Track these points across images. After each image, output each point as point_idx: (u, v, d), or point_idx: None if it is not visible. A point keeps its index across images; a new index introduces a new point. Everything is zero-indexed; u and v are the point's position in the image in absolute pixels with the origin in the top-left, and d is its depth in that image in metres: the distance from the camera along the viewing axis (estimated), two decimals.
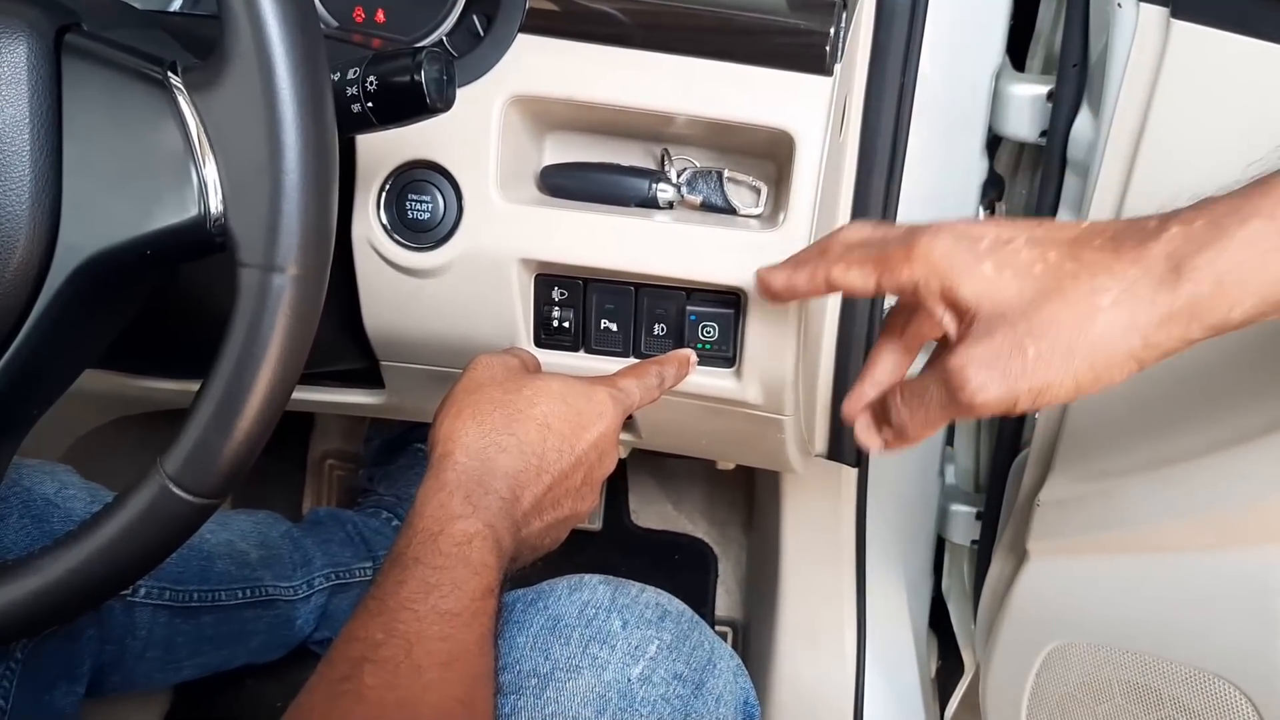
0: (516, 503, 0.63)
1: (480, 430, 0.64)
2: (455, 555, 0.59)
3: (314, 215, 0.48)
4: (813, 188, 0.71)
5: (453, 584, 0.57)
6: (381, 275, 0.76)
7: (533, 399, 0.66)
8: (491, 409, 0.65)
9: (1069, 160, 0.83)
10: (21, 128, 0.49)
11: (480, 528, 0.60)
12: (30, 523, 0.80)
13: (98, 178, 0.51)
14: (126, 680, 0.92)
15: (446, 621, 0.56)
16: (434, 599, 0.57)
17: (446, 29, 0.76)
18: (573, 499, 0.68)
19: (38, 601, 0.53)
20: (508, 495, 0.63)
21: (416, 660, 0.54)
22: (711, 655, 0.69)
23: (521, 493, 0.64)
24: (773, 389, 0.77)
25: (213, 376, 0.50)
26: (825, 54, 0.70)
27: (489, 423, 0.65)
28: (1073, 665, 0.90)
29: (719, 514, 1.44)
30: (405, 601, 0.56)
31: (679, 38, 0.71)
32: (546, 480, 0.65)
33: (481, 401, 0.66)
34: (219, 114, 0.49)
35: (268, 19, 0.47)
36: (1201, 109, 0.69)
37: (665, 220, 0.75)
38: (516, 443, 0.64)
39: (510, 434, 0.64)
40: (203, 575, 0.98)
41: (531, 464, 0.64)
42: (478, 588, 0.58)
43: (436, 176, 0.74)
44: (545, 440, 0.65)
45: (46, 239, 0.50)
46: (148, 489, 0.52)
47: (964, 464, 1.08)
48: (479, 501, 0.62)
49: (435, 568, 0.58)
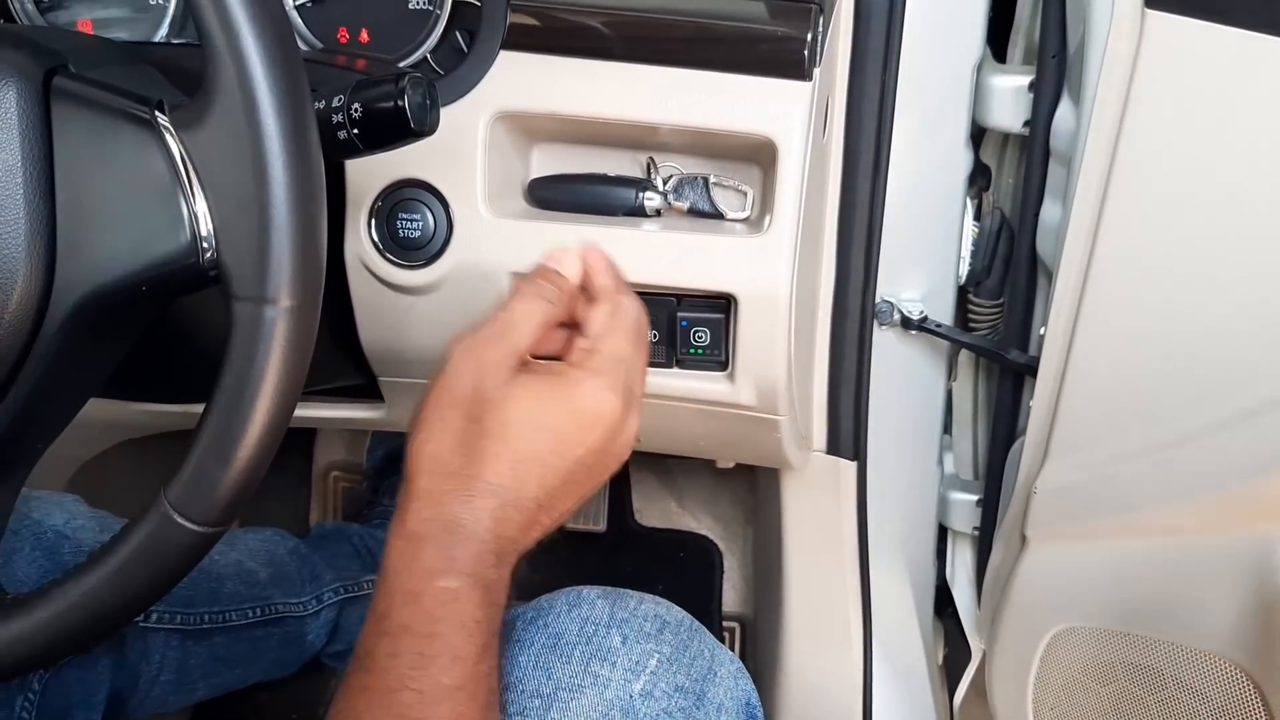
0: (500, 539, 0.57)
1: (450, 460, 0.57)
2: (445, 619, 0.55)
3: (304, 246, 0.49)
4: (797, 191, 0.72)
5: (450, 655, 0.54)
6: (376, 294, 0.77)
7: (510, 407, 0.58)
8: (463, 428, 0.58)
9: (1052, 150, 0.83)
10: (14, 172, 0.50)
11: (462, 583, 0.55)
12: (42, 555, 0.81)
13: (91, 217, 0.51)
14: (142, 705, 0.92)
15: (453, 698, 0.54)
16: (434, 673, 0.54)
17: (430, 47, 0.77)
18: (577, 494, 0.62)
19: (51, 635, 0.54)
20: (487, 537, 0.57)
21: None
22: (712, 663, 0.70)
23: (504, 527, 0.58)
24: (766, 390, 0.78)
25: (211, 409, 0.51)
26: (804, 59, 0.70)
27: (461, 450, 0.57)
28: (1076, 649, 0.90)
29: (722, 510, 1.45)
30: (405, 680, 0.53)
31: (659, 49, 0.72)
32: (530, 505, 0.59)
33: (450, 421, 0.58)
34: (206, 151, 0.50)
35: (250, 55, 0.48)
36: (1180, 97, 0.69)
37: (653, 228, 0.75)
38: (495, 472, 0.57)
39: (485, 464, 0.57)
40: (213, 597, 0.99)
41: (510, 498, 0.58)
42: (474, 651, 0.55)
43: (426, 195, 0.75)
44: (532, 455, 0.58)
45: (43, 279, 0.51)
46: (152, 520, 0.53)
47: (962, 452, 1.09)
48: (454, 551, 0.56)
49: (427, 635, 0.54)
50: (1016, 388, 0.94)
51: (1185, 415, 0.77)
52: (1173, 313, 0.74)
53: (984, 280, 0.95)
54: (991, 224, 0.93)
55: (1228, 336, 0.74)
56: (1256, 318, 0.72)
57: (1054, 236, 0.82)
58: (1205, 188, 0.70)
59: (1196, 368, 0.75)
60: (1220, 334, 0.74)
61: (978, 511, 1.04)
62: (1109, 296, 0.76)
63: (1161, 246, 0.73)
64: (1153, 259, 0.74)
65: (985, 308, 0.97)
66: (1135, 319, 0.76)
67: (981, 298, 0.96)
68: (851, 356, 0.91)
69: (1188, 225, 0.72)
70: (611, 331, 0.61)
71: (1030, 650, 0.94)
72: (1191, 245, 0.72)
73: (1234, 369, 0.74)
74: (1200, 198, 0.71)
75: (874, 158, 0.83)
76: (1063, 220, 0.78)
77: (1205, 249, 0.72)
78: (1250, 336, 0.73)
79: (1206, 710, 0.84)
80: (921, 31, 0.83)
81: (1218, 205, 0.71)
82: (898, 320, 0.93)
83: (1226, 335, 0.74)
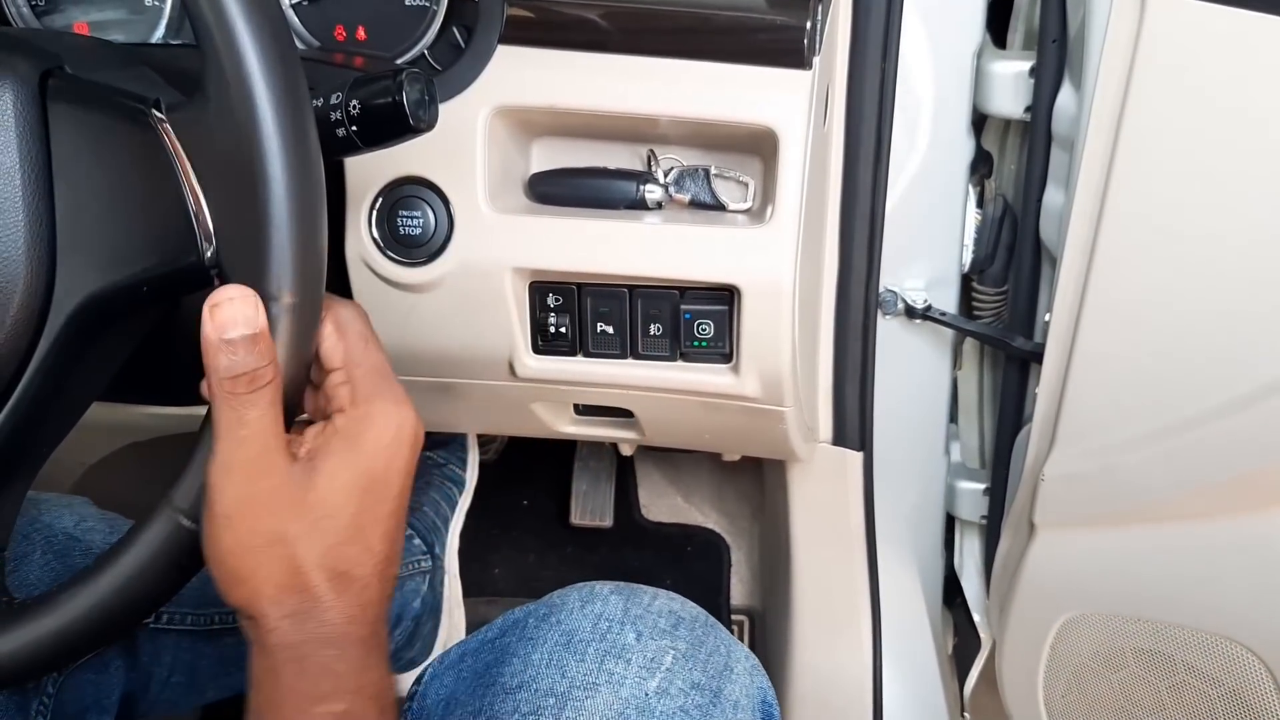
0: (363, 622, 0.53)
1: (287, 589, 0.52)
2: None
3: (305, 243, 0.49)
4: (799, 181, 0.72)
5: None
6: (377, 292, 0.77)
7: (311, 497, 0.52)
8: (280, 552, 0.52)
9: (1054, 135, 0.83)
10: (12, 174, 0.50)
11: (347, 703, 0.52)
12: (53, 558, 0.81)
13: (90, 219, 0.51)
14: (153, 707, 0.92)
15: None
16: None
17: (427, 43, 0.77)
18: (403, 509, 0.57)
19: (60, 640, 0.54)
20: (350, 632, 0.53)
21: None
22: (728, 659, 0.69)
23: (365, 611, 0.53)
24: (771, 382, 0.78)
25: None
26: (803, 48, 0.70)
27: (292, 575, 0.52)
28: (1086, 636, 0.90)
29: (729, 504, 1.45)
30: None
31: (657, 39, 0.71)
32: (380, 560, 0.55)
33: (261, 555, 0.52)
34: (204, 150, 0.50)
35: (246, 53, 0.47)
36: (1182, 78, 0.69)
37: (655, 221, 0.75)
38: (334, 569, 0.53)
39: (322, 570, 0.52)
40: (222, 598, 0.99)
41: (360, 575, 0.53)
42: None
43: (426, 191, 0.74)
44: (359, 522, 0.54)
45: (44, 283, 0.51)
46: (158, 523, 0.53)
47: (969, 441, 1.09)
48: (325, 666, 0.52)
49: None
50: (1022, 375, 0.94)
51: (1193, 400, 0.76)
52: (1178, 296, 0.74)
53: (987, 268, 0.95)
54: (994, 211, 0.93)
55: (1234, 319, 0.73)
56: (1263, 300, 0.72)
57: (1057, 222, 0.82)
58: (1209, 170, 0.70)
59: (1203, 351, 0.75)
60: (1227, 317, 0.74)
61: (985, 500, 1.04)
62: (1114, 281, 0.76)
63: (1166, 230, 0.73)
64: (1157, 242, 0.73)
65: (989, 295, 0.96)
66: (1141, 303, 0.76)
67: (985, 285, 0.96)
68: (856, 347, 0.91)
69: (1192, 208, 0.71)
70: (351, 346, 0.56)
71: (1040, 638, 0.93)
72: (1196, 228, 0.72)
73: (1241, 352, 0.74)
74: (1204, 180, 0.71)
75: (875, 146, 0.83)
76: (1066, 205, 0.78)
77: (1210, 231, 0.71)
78: (1257, 319, 0.72)
79: (1218, 694, 0.84)
80: (921, 18, 0.83)
81: (1221, 187, 0.70)
82: (901, 309, 0.93)
83: (1233, 318, 0.73)
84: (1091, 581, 0.88)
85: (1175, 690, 0.87)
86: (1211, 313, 0.73)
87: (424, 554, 1.25)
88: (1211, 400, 0.75)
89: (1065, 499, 0.85)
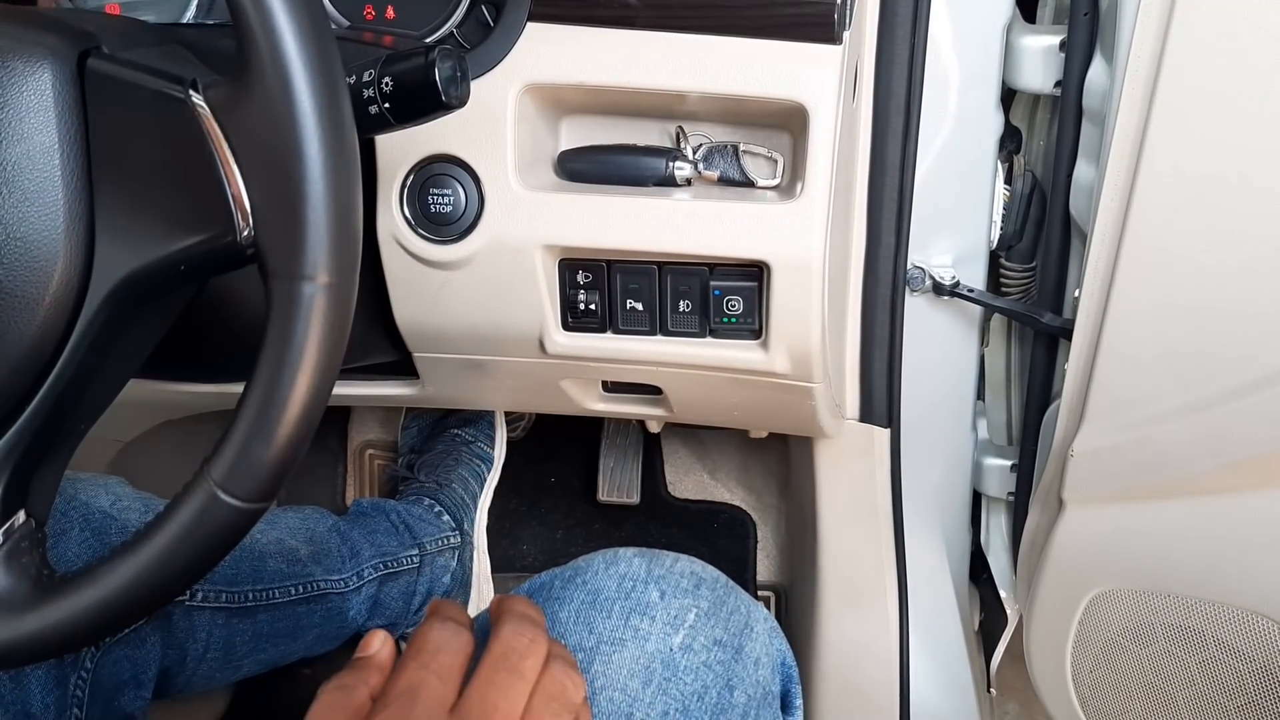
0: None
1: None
2: None
3: (341, 223, 0.49)
4: (829, 157, 0.71)
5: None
6: (409, 270, 0.77)
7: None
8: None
9: (1085, 110, 0.83)
10: (51, 154, 0.50)
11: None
12: (90, 535, 0.82)
13: (128, 198, 0.52)
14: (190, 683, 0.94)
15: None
16: None
17: (456, 21, 0.77)
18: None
19: (99, 612, 0.55)
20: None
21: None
22: (748, 619, 0.71)
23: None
24: (800, 358, 0.78)
25: (252, 385, 0.51)
26: (834, 22, 0.70)
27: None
28: (1115, 612, 0.90)
29: (755, 481, 1.45)
30: None
31: (686, 15, 0.71)
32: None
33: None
34: (241, 129, 0.50)
35: (283, 33, 0.48)
36: (1215, 52, 0.69)
37: (684, 197, 0.75)
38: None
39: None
40: (256, 575, 1.00)
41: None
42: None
43: (456, 169, 0.75)
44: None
45: (83, 262, 0.52)
46: (197, 497, 0.53)
47: (996, 418, 1.09)
48: None
49: None
50: (1050, 351, 0.94)
51: (1223, 375, 0.76)
52: (1210, 270, 0.74)
53: (1015, 244, 0.94)
54: (1023, 187, 0.92)
55: (1266, 295, 0.73)
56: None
57: (1087, 197, 0.81)
58: (1243, 144, 0.70)
59: (1237, 325, 0.75)
60: (1261, 290, 0.73)
61: (1012, 477, 1.04)
62: (1145, 256, 0.75)
63: (1199, 203, 0.72)
64: (1190, 216, 0.73)
65: (1017, 272, 0.96)
66: (1172, 278, 0.75)
67: (1013, 261, 0.96)
68: (884, 323, 0.91)
69: (1224, 182, 0.71)
70: (402, 667, 0.57)
71: (1068, 614, 0.93)
72: (1230, 202, 0.71)
73: (1273, 327, 0.73)
74: (1237, 154, 0.70)
75: (904, 121, 0.82)
76: (1096, 180, 0.77)
77: (1243, 206, 0.71)
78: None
79: (1248, 670, 0.84)
80: None
81: (1254, 162, 0.70)
82: (929, 286, 0.93)
83: (1265, 294, 0.73)
84: (1120, 557, 0.88)
85: (1205, 666, 0.87)
86: (1245, 286, 0.73)
87: (453, 530, 1.27)
88: (1243, 375, 0.75)
89: (1095, 474, 0.85)
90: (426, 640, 0.57)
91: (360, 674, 0.57)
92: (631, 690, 0.65)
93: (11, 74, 0.50)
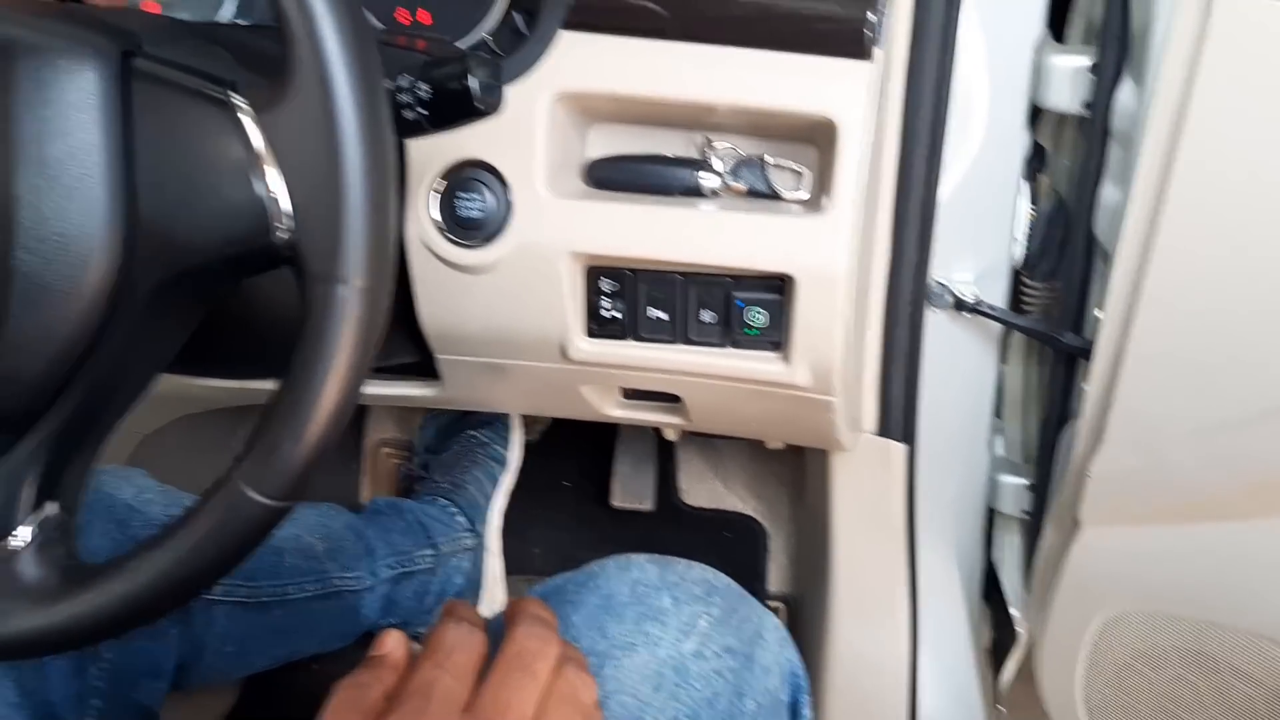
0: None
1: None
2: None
3: (378, 228, 0.50)
4: (856, 172, 0.72)
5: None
6: (436, 273, 0.78)
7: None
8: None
9: (1113, 131, 0.83)
10: (94, 152, 0.51)
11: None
12: (114, 527, 0.83)
13: (169, 198, 0.52)
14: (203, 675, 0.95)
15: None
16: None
17: (490, 28, 0.77)
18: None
19: (125, 605, 0.55)
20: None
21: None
22: (759, 627, 0.71)
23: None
24: (822, 371, 0.78)
25: (285, 386, 0.52)
26: (864, 38, 0.70)
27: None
28: (1128, 634, 0.90)
29: (768, 490, 1.45)
30: None
31: (718, 28, 0.72)
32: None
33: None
34: (283, 131, 0.51)
35: (327, 38, 0.48)
36: (1247, 76, 0.69)
37: (711, 209, 0.76)
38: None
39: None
40: (273, 571, 1.01)
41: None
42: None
43: (486, 175, 0.75)
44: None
45: (121, 259, 0.52)
46: (226, 494, 0.54)
47: (1013, 435, 1.09)
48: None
49: None
50: (1069, 371, 0.94)
51: (1244, 400, 0.76)
52: (1235, 295, 0.74)
53: (1038, 263, 0.95)
54: (1047, 206, 0.93)
55: None
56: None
57: (1112, 218, 0.82)
58: (1272, 170, 0.70)
59: (1257, 351, 0.75)
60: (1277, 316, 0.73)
61: (1028, 495, 1.04)
62: (1169, 278, 0.75)
63: (1226, 228, 0.72)
64: (1216, 241, 0.73)
65: (1038, 290, 0.96)
66: (1195, 301, 0.76)
67: (1035, 280, 0.96)
68: (904, 338, 0.91)
69: (1253, 207, 0.71)
70: (417, 665, 0.57)
71: (1081, 634, 0.93)
72: (1257, 227, 0.71)
73: None
74: (1266, 179, 0.70)
75: (930, 138, 0.83)
76: (1122, 202, 0.77)
77: (1272, 231, 0.71)
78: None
79: (1261, 696, 0.84)
80: (980, 11, 0.83)
81: None
82: (950, 302, 0.93)
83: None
84: (1135, 579, 0.88)
85: (1218, 692, 0.87)
86: (1270, 312, 0.73)
87: (467, 531, 1.27)
88: (1265, 399, 0.75)
89: (1112, 495, 0.85)
90: (441, 639, 0.58)
91: (375, 672, 0.58)
92: (642, 695, 0.65)
93: (57, 72, 0.51)
